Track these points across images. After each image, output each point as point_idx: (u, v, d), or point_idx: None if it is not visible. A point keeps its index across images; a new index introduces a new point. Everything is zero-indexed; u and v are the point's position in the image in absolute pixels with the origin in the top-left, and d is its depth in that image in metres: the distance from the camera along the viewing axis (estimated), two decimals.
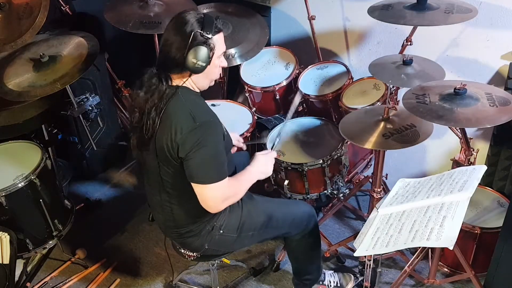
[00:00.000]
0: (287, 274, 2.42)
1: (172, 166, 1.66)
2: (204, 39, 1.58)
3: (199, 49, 1.57)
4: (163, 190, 1.75)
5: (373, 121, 1.99)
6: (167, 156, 1.63)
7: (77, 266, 2.54)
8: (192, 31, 1.56)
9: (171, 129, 1.59)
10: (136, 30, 2.42)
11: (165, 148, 1.62)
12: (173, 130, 1.59)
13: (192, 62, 1.58)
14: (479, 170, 1.57)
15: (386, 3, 2.16)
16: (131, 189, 3.09)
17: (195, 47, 1.57)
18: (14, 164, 2.27)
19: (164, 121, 1.62)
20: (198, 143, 1.57)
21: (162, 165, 1.68)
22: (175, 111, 1.62)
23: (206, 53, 1.58)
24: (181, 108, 1.62)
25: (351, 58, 2.82)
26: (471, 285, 2.21)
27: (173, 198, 1.76)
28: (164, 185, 1.73)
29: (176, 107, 1.62)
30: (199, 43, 1.57)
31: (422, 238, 1.37)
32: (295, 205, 2.06)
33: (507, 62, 2.26)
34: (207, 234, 1.82)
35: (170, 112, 1.62)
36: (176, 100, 1.63)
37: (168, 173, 1.69)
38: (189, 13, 1.63)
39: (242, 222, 1.85)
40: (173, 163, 1.64)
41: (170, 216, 1.80)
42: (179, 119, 1.60)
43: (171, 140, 1.59)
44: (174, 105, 1.62)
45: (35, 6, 2.32)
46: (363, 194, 2.88)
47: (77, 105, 2.59)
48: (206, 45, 1.58)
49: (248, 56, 2.46)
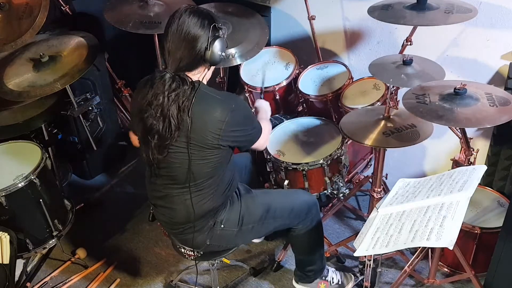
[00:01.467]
0: (287, 274, 2.42)
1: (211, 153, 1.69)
2: (218, 30, 1.65)
3: (221, 40, 1.65)
4: (185, 183, 1.74)
5: (374, 120, 1.99)
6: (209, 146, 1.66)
7: (77, 266, 2.54)
8: (211, 24, 1.62)
9: (211, 122, 1.63)
10: (136, 30, 2.42)
11: (208, 140, 1.64)
12: (214, 122, 1.63)
13: (217, 54, 1.64)
14: (479, 170, 1.57)
15: (386, 3, 2.16)
16: (131, 189, 3.09)
17: (219, 39, 1.64)
18: (14, 164, 2.27)
19: (198, 118, 1.62)
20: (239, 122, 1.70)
21: (197, 156, 1.68)
22: (208, 105, 1.64)
23: (225, 44, 1.68)
24: (212, 100, 1.65)
25: (351, 58, 2.82)
26: (471, 285, 2.21)
27: (196, 191, 1.75)
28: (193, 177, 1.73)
29: (205, 101, 1.64)
30: (219, 35, 1.65)
31: (422, 238, 1.37)
32: (294, 194, 2.07)
33: (507, 62, 2.26)
34: (209, 230, 1.83)
35: (201, 107, 1.63)
36: (200, 95, 1.64)
37: (200, 164, 1.70)
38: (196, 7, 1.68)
39: (241, 215, 1.87)
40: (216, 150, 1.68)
41: (181, 210, 1.79)
42: (216, 109, 1.63)
43: (215, 130, 1.63)
44: (202, 100, 1.63)
45: (35, 6, 2.32)
46: (363, 194, 2.88)
47: (77, 105, 2.59)
48: (223, 37, 1.67)
49: (248, 56, 2.46)
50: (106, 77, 3.00)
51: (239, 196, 1.91)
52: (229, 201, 1.87)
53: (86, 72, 2.26)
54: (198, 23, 1.61)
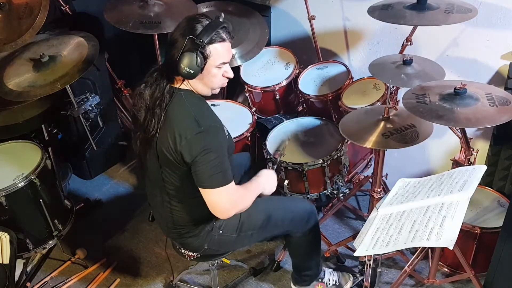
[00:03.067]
0: (287, 274, 2.42)
1: (175, 168, 1.66)
2: (196, 46, 1.56)
3: (188, 55, 1.56)
4: (164, 191, 1.76)
5: (373, 121, 1.98)
6: (170, 159, 1.64)
7: (77, 266, 2.54)
8: (187, 36, 1.56)
9: (174, 134, 1.59)
10: (136, 30, 2.42)
11: (167, 152, 1.62)
12: (176, 135, 1.58)
13: (181, 67, 1.57)
14: (479, 170, 1.57)
15: (386, 3, 2.16)
16: (131, 189, 3.09)
17: (186, 53, 1.56)
18: (14, 164, 2.27)
19: (166, 124, 1.62)
20: (203, 149, 1.57)
21: (164, 167, 1.68)
22: (178, 115, 1.62)
23: (194, 60, 1.55)
24: (184, 112, 1.62)
25: (351, 58, 2.82)
26: (471, 285, 2.21)
27: (174, 200, 1.76)
28: (165, 186, 1.73)
29: (179, 111, 1.62)
30: (190, 49, 1.56)
31: (422, 238, 1.37)
32: (294, 203, 2.07)
33: (507, 62, 2.26)
34: (207, 235, 1.82)
35: (172, 115, 1.62)
36: (179, 103, 1.63)
37: (170, 175, 1.69)
38: (199, 17, 1.62)
39: (241, 222, 1.86)
40: (177, 166, 1.64)
41: (170, 217, 1.81)
42: (182, 124, 1.60)
43: (174, 144, 1.59)
44: (177, 109, 1.62)
45: (35, 6, 2.32)
46: (363, 194, 2.88)
47: (77, 105, 2.59)
48: (198, 53, 1.56)
49: (248, 57, 2.46)
50: (106, 77, 3.00)
51: None
52: None
53: (86, 72, 2.25)
54: (181, 30, 1.59)
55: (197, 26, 1.58)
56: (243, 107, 2.60)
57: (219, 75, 1.68)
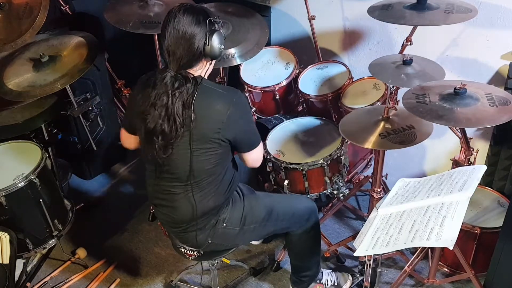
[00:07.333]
0: (287, 274, 2.42)
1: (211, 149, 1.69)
2: (214, 24, 1.66)
3: (218, 34, 1.66)
4: (187, 181, 1.74)
5: (373, 121, 1.99)
6: (210, 141, 1.67)
7: (77, 266, 2.54)
8: (206, 19, 1.63)
9: (213, 115, 1.64)
10: (136, 30, 2.42)
11: (210, 134, 1.66)
12: (216, 115, 1.64)
13: (217, 48, 1.66)
14: (479, 170, 1.57)
15: (386, 3, 2.16)
16: (131, 189, 3.09)
17: (216, 32, 1.65)
18: (14, 164, 2.27)
19: (201, 113, 1.63)
20: (241, 116, 1.70)
21: (198, 152, 1.68)
22: (208, 98, 1.65)
23: (222, 36, 1.68)
24: (212, 93, 1.67)
25: (351, 58, 2.82)
26: (471, 285, 2.21)
27: (197, 187, 1.76)
28: (193, 174, 1.73)
29: (207, 94, 1.65)
30: (215, 28, 1.66)
31: (422, 238, 1.37)
32: (296, 200, 2.10)
33: (507, 62, 2.26)
34: (211, 228, 1.84)
35: (203, 101, 1.64)
36: (202, 89, 1.65)
37: (201, 161, 1.70)
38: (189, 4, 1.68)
39: (244, 215, 1.88)
40: (216, 145, 1.68)
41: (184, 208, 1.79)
42: (216, 103, 1.65)
43: (217, 123, 1.65)
44: (204, 94, 1.65)
45: (35, 6, 2.32)
46: (363, 194, 2.88)
47: (77, 105, 2.59)
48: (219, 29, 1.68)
49: (248, 56, 2.45)
50: (106, 77, 3.00)
51: (241, 196, 1.92)
52: (231, 200, 1.88)
53: (86, 72, 2.25)
54: (193, 21, 1.62)
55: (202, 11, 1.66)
56: None
57: None
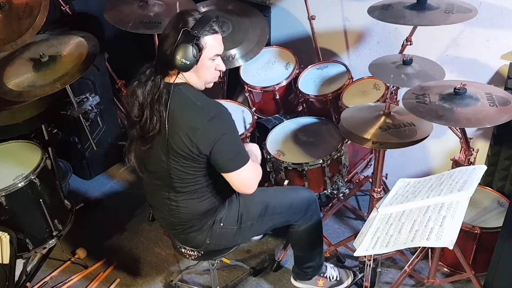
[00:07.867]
0: (287, 274, 2.42)
1: (191, 162, 1.67)
2: (191, 37, 1.59)
3: (184, 47, 1.58)
4: (171, 187, 1.75)
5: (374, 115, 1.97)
6: (184, 156, 1.64)
7: (77, 266, 2.54)
8: (182, 29, 1.59)
9: (185, 129, 1.61)
10: (136, 30, 2.42)
11: (180, 150, 1.63)
12: (188, 130, 1.60)
13: (177, 59, 1.59)
14: (479, 170, 1.57)
15: (386, 3, 2.16)
16: (131, 189, 3.09)
17: (182, 45, 1.58)
18: (14, 164, 2.27)
19: (173, 122, 1.62)
20: (220, 134, 1.62)
21: (174, 162, 1.68)
22: (184, 110, 1.63)
23: (190, 51, 1.58)
24: (189, 105, 1.64)
25: (351, 58, 2.82)
26: (471, 285, 2.21)
27: (181, 195, 1.76)
28: (172, 181, 1.73)
29: (184, 105, 1.64)
30: (185, 41, 1.58)
31: (422, 238, 1.37)
32: (293, 191, 2.08)
33: (507, 62, 2.26)
34: (209, 229, 1.84)
35: (178, 111, 1.62)
36: (180, 98, 1.64)
37: (179, 170, 1.70)
38: (190, 11, 1.65)
39: (240, 213, 1.88)
40: (193, 160, 1.66)
41: (176, 212, 1.81)
42: (191, 116, 1.62)
43: (188, 139, 1.61)
44: (181, 104, 1.63)
45: (35, 6, 2.31)
46: (363, 194, 2.88)
47: (77, 105, 2.59)
48: (193, 44, 1.59)
49: (248, 57, 2.46)
50: (106, 77, 3.00)
51: (237, 195, 1.91)
52: (228, 200, 1.88)
53: (86, 72, 2.25)
54: (174, 24, 1.62)
55: (189, 19, 1.62)
56: (243, 107, 2.60)
57: (212, 67, 1.71)
